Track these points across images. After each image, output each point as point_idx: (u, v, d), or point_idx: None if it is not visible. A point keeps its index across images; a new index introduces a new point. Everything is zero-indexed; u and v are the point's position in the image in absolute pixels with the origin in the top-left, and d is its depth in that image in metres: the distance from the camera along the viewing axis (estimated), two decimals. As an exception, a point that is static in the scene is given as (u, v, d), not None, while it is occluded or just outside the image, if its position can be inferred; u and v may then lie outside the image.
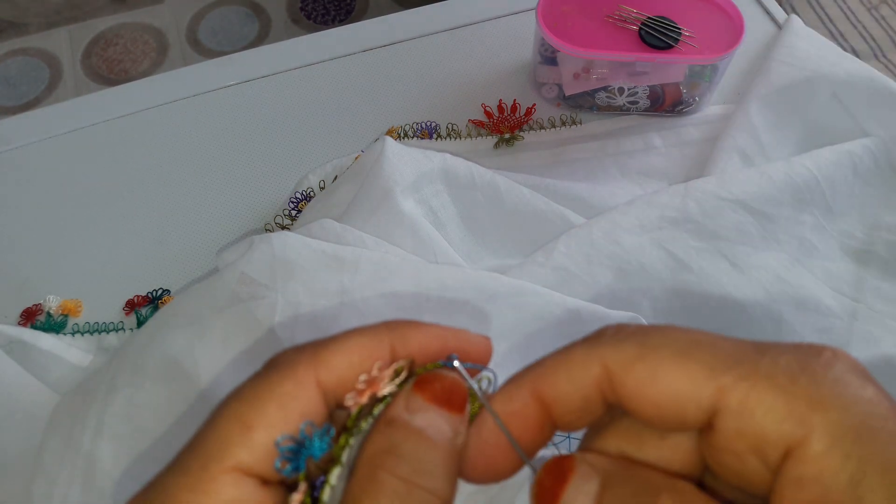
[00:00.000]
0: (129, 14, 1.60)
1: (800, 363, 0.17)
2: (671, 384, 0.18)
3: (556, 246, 0.43)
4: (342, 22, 1.59)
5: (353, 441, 0.20)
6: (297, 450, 0.19)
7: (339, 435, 0.20)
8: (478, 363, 0.22)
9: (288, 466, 0.19)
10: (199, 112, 0.55)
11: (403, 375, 0.21)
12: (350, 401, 0.20)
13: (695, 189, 0.45)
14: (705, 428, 0.18)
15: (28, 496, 0.36)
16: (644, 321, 0.39)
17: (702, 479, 0.20)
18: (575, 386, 0.19)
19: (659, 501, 0.18)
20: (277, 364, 0.20)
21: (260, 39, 1.57)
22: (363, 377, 0.20)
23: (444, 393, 0.20)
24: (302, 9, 1.61)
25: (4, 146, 0.53)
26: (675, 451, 0.20)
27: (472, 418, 0.21)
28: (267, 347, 0.37)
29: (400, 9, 0.75)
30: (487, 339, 0.23)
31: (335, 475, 0.19)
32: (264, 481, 0.19)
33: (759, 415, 0.17)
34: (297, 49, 0.58)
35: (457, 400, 0.20)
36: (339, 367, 0.20)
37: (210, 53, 1.54)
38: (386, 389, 0.20)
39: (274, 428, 0.19)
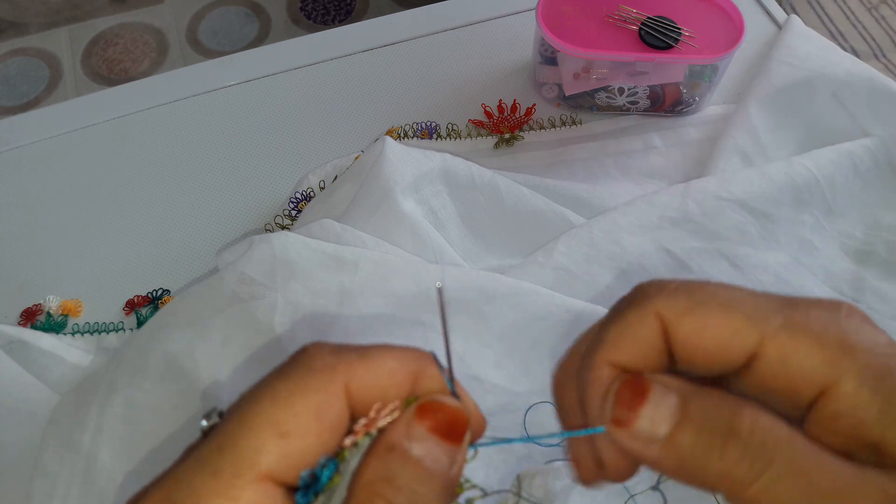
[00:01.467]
0: (129, 14, 1.60)
1: (826, 316, 0.19)
2: (719, 334, 0.20)
3: (556, 246, 0.43)
4: (342, 22, 1.59)
5: (348, 456, 0.20)
6: (310, 482, 0.19)
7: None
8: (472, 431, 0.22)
9: (300, 497, 0.19)
10: (199, 112, 0.55)
11: (397, 414, 0.21)
12: (347, 440, 0.20)
13: (695, 189, 0.45)
14: (742, 368, 0.20)
15: (28, 496, 0.36)
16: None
17: None
18: (641, 345, 0.21)
19: (744, 411, 0.19)
20: (311, 364, 0.20)
21: (260, 39, 1.57)
22: (363, 421, 0.20)
23: (446, 424, 0.20)
24: (302, 9, 1.61)
25: (4, 146, 0.53)
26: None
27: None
28: (267, 347, 0.37)
29: (400, 9, 0.75)
30: (484, 421, 0.23)
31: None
32: (287, 489, 0.19)
33: (797, 361, 0.19)
34: (297, 49, 0.58)
35: (457, 431, 0.20)
36: (369, 385, 0.20)
37: (210, 53, 1.54)
38: (382, 423, 0.20)
39: (308, 439, 0.19)
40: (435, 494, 0.19)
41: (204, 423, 0.21)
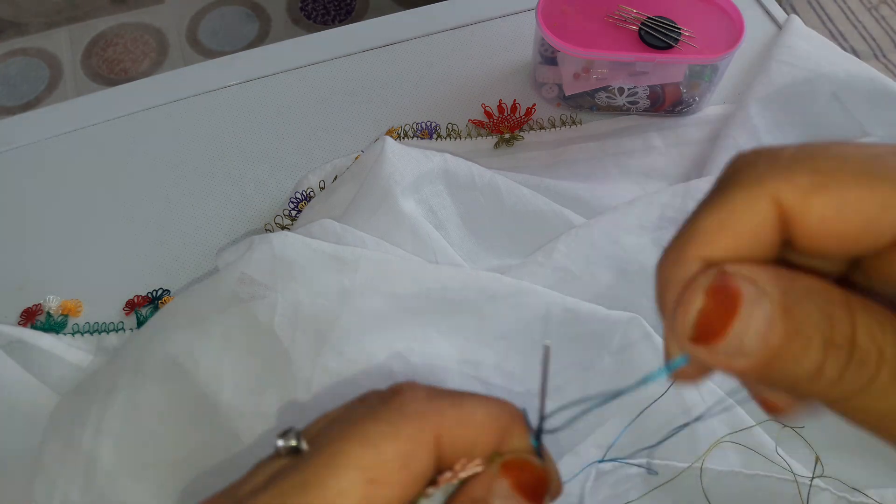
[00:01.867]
0: (129, 14, 1.60)
1: None
2: (862, 212, 0.15)
3: (556, 246, 0.43)
4: (342, 22, 1.59)
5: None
6: None
7: None
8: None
9: None
10: (199, 112, 0.55)
11: (479, 469, 0.21)
12: (429, 490, 0.20)
13: (695, 189, 0.45)
14: (881, 252, 0.16)
15: (28, 496, 0.36)
16: (644, 322, 0.39)
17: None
18: (748, 238, 0.16)
19: (849, 313, 0.15)
20: (405, 409, 0.20)
21: (260, 39, 1.57)
22: (447, 475, 0.20)
23: (529, 483, 0.20)
24: (302, 9, 1.61)
25: (4, 146, 0.53)
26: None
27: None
28: (267, 347, 0.37)
29: (400, 9, 0.75)
30: (561, 486, 0.22)
31: None
32: None
33: None
34: (297, 49, 0.58)
35: (539, 492, 0.20)
36: (458, 437, 0.20)
37: (210, 53, 1.54)
38: (463, 475, 0.20)
39: (394, 489, 0.18)
40: None
41: (280, 442, 0.20)
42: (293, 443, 0.20)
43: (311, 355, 0.37)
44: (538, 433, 0.21)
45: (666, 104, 0.53)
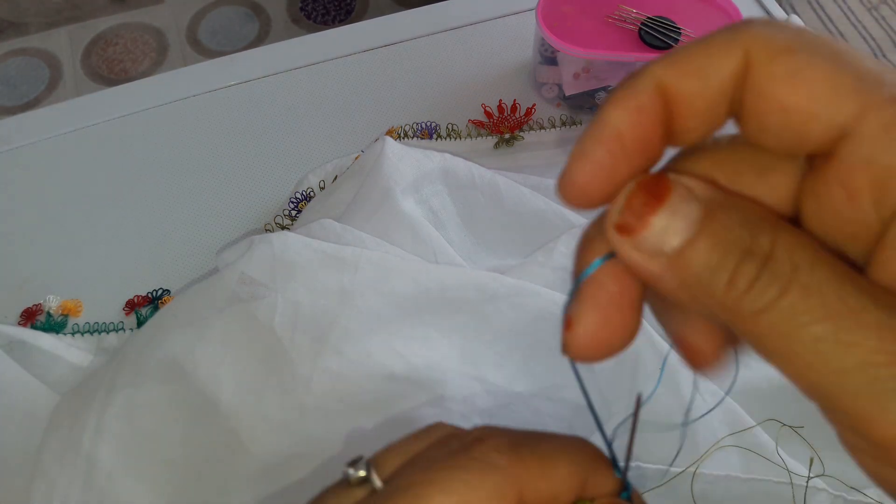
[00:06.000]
0: (129, 14, 1.60)
1: None
2: (813, 87, 0.15)
3: (556, 246, 0.43)
4: (342, 22, 1.59)
5: None
6: None
7: None
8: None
9: None
10: (199, 112, 0.55)
11: None
12: None
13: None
14: (818, 157, 0.16)
15: (28, 496, 0.36)
16: (643, 322, 0.39)
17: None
18: (709, 80, 0.16)
19: (779, 239, 0.15)
20: (489, 460, 0.19)
21: (260, 39, 1.57)
22: None
23: None
24: (302, 9, 1.61)
25: (4, 146, 0.53)
26: (772, 191, 0.17)
27: None
28: (267, 348, 0.37)
29: (400, 9, 0.75)
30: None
31: None
32: None
33: None
34: (297, 49, 0.58)
35: None
36: (542, 491, 0.19)
37: (210, 53, 1.54)
38: None
39: None
40: None
41: (351, 471, 0.21)
42: (362, 473, 0.21)
43: (311, 355, 0.37)
44: (624, 477, 0.21)
45: (666, 104, 0.53)
